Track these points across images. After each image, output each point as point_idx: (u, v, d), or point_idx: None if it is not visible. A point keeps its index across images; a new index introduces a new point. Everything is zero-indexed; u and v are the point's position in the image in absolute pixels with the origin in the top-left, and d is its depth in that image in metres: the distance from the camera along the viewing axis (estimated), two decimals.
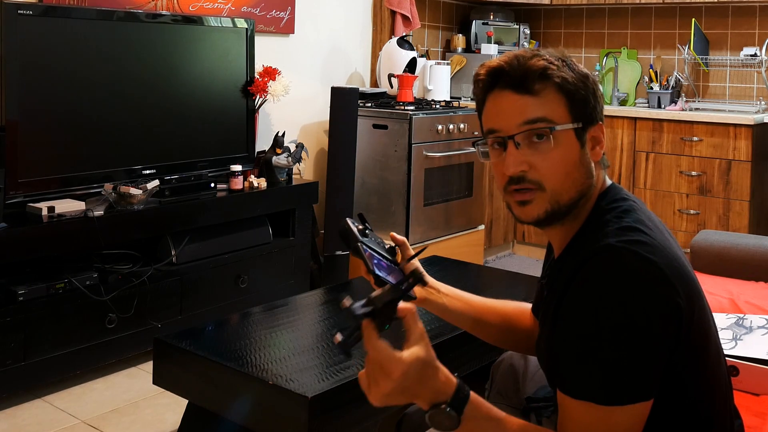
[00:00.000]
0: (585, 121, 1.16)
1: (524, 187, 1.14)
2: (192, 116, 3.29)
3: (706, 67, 4.66)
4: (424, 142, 3.89)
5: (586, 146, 1.17)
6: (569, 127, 1.14)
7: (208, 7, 3.52)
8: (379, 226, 3.94)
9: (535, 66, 1.14)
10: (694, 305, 1.11)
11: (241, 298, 3.27)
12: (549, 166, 1.13)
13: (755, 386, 1.83)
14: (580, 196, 1.16)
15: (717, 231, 2.91)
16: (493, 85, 1.17)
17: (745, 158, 4.01)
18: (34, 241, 2.60)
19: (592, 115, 1.17)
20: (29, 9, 2.70)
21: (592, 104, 1.17)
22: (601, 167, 1.21)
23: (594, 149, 1.19)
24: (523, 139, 1.14)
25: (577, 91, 1.15)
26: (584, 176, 1.16)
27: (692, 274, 1.15)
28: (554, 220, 1.17)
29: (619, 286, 1.03)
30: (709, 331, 1.18)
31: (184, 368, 2.09)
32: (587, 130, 1.17)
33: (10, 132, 2.66)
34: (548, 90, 1.14)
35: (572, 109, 1.15)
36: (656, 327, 1.03)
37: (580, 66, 1.19)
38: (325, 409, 1.82)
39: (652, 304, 1.03)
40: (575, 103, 1.15)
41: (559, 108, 1.14)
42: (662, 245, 1.09)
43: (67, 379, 2.76)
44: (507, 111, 1.15)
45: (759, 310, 2.25)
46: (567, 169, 1.14)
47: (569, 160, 1.14)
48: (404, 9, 4.45)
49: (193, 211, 3.10)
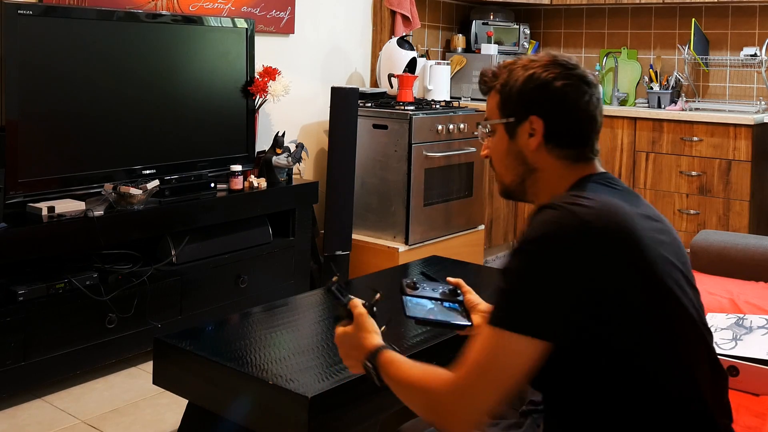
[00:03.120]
0: (516, 115, 1.32)
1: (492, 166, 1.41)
2: (192, 116, 3.29)
3: (706, 67, 4.67)
4: (424, 142, 3.89)
5: (517, 139, 1.33)
6: (497, 122, 1.35)
7: (208, 7, 3.52)
8: (379, 226, 3.94)
9: (485, 75, 1.39)
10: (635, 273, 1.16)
11: (241, 298, 3.27)
12: (491, 153, 1.38)
13: (755, 386, 1.83)
14: (519, 179, 1.35)
15: (717, 231, 2.91)
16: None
17: (745, 158, 4.01)
18: (34, 241, 2.60)
19: (523, 110, 1.31)
20: (29, 9, 2.70)
21: (523, 98, 1.31)
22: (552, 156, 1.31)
23: (528, 141, 1.32)
24: (481, 133, 1.40)
25: (508, 89, 1.33)
26: (516, 163, 1.34)
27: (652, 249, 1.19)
28: (511, 196, 1.39)
29: (541, 233, 1.16)
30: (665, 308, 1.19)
31: (184, 368, 2.09)
32: (519, 124, 1.32)
33: (10, 132, 2.66)
34: (491, 93, 1.37)
35: (502, 106, 1.34)
36: (562, 272, 1.12)
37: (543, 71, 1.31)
38: (325, 409, 1.82)
39: (565, 252, 1.13)
40: (505, 100, 1.34)
41: (493, 107, 1.36)
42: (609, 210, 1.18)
43: (67, 379, 2.76)
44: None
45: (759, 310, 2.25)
46: (498, 156, 1.37)
47: (498, 149, 1.36)
48: (404, 9, 4.45)
49: (193, 211, 3.10)
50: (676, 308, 1.21)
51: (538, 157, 1.32)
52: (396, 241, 3.87)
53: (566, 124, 1.31)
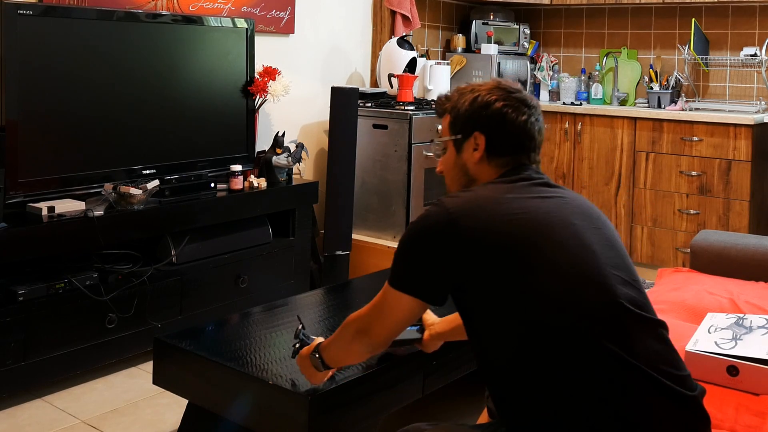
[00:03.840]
0: (462, 132, 1.54)
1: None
2: (192, 116, 3.29)
3: (706, 67, 4.67)
4: (424, 142, 3.89)
5: (462, 153, 1.55)
6: (446, 138, 1.58)
7: (208, 7, 3.52)
8: (379, 226, 3.94)
9: (440, 99, 1.62)
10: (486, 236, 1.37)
11: (241, 298, 3.27)
12: (442, 167, 1.60)
13: (755, 386, 1.83)
14: (462, 188, 1.54)
15: (717, 231, 2.91)
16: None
17: (745, 158, 4.01)
18: (34, 241, 2.60)
19: (469, 128, 1.53)
20: (29, 9, 2.70)
21: (470, 118, 1.53)
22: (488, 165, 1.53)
23: (473, 153, 1.53)
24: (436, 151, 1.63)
25: (457, 110, 1.55)
26: (459, 174, 1.56)
27: (521, 229, 1.38)
28: None
29: (417, 220, 1.44)
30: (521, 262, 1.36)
31: (184, 368, 2.09)
32: (465, 140, 1.54)
33: (10, 132, 2.66)
34: (444, 116, 1.60)
35: (452, 126, 1.56)
36: (429, 245, 1.39)
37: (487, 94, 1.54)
38: (325, 409, 1.82)
39: (428, 234, 1.40)
40: (455, 120, 1.56)
41: (445, 127, 1.59)
42: (475, 201, 1.41)
43: (67, 379, 2.76)
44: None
45: (759, 310, 2.25)
46: (448, 168, 1.58)
47: (448, 163, 1.58)
48: (404, 9, 4.45)
49: (193, 211, 3.10)
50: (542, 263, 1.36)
51: (479, 168, 1.53)
52: (396, 241, 3.87)
53: (505, 138, 1.52)
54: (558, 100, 4.98)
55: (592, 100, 4.88)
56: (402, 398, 2.08)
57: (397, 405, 2.07)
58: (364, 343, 1.54)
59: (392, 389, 2.02)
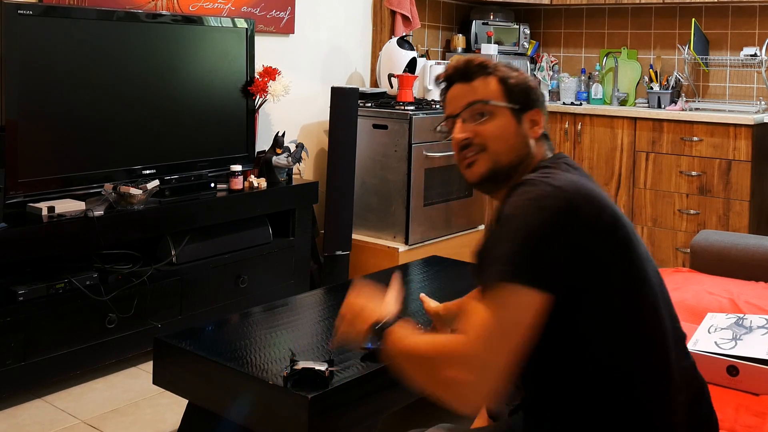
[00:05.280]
0: (522, 104, 1.43)
1: (470, 152, 1.41)
2: (192, 116, 3.29)
3: (706, 67, 4.67)
4: (424, 142, 3.89)
5: (522, 124, 1.43)
6: (504, 105, 1.42)
7: (208, 7, 3.52)
8: (379, 226, 3.94)
9: (474, 61, 1.46)
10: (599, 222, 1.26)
11: (241, 298, 3.27)
12: (489, 132, 1.41)
13: (755, 386, 1.83)
14: (518, 160, 1.41)
15: (717, 231, 2.91)
16: (449, 85, 1.49)
17: (745, 158, 4.01)
18: (34, 241, 2.60)
19: (527, 102, 1.44)
20: (29, 9, 2.70)
21: (526, 93, 1.44)
22: (543, 145, 1.46)
23: (533, 128, 1.44)
24: (468, 116, 1.43)
25: (512, 81, 1.44)
26: (521, 144, 1.42)
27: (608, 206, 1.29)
28: (496, 179, 1.41)
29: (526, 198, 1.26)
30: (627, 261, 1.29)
31: (184, 368, 2.09)
32: (524, 111, 1.44)
33: (10, 132, 2.66)
34: (486, 79, 1.44)
35: (507, 93, 1.43)
36: (548, 229, 1.21)
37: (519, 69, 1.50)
38: (325, 409, 1.82)
39: (547, 212, 1.23)
40: (510, 89, 1.44)
41: (495, 92, 1.44)
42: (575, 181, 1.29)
43: (67, 379, 2.76)
44: (456, 98, 1.46)
45: (759, 310, 2.25)
46: (505, 134, 1.41)
47: (506, 128, 1.42)
48: (404, 9, 4.45)
49: (193, 211, 3.10)
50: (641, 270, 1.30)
51: (537, 145, 1.45)
52: (396, 241, 3.87)
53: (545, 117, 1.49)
54: (558, 100, 4.98)
55: (592, 100, 4.88)
56: (402, 398, 2.08)
57: (397, 405, 2.07)
58: (475, 388, 1.14)
59: (392, 389, 2.02)
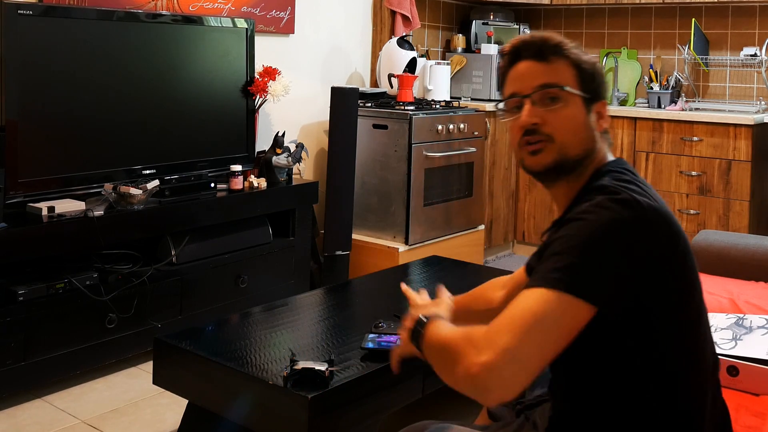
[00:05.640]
0: (591, 93, 1.35)
1: (537, 139, 1.32)
2: (192, 116, 3.29)
3: (706, 67, 4.66)
4: (424, 142, 3.89)
5: (591, 115, 1.35)
6: (578, 93, 1.33)
7: (208, 7, 3.52)
8: (379, 226, 3.94)
9: (552, 40, 1.35)
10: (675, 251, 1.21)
11: (241, 298, 3.27)
12: (560, 121, 1.31)
13: (755, 386, 1.83)
14: (585, 154, 1.33)
15: (717, 231, 2.91)
16: (517, 57, 1.37)
17: (745, 158, 4.01)
18: (34, 241, 2.60)
19: (597, 92, 1.36)
20: (29, 9, 2.70)
21: (598, 82, 1.36)
22: (605, 140, 1.37)
23: (599, 121, 1.36)
24: (538, 98, 1.32)
25: (586, 67, 1.35)
26: (589, 138, 1.34)
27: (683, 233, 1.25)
28: (561, 172, 1.33)
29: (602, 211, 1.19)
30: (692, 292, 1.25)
31: (184, 368, 2.09)
32: (594, 102, 1.35)
33: (10, 132, 2.66)
34: (561, 62, 1.34)
35: (581, 81, 1.34)
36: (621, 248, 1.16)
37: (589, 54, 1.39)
38: (325, 409, 1.82)
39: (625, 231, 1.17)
40: (584, 76, 1.34)
41: (569, 77, 1.34)
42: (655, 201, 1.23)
43: (67, 379, 2.76)
44: (525, 76, 1.35)
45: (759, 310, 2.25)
46: (575, 126, 1.32)
47: (577, 120, 1.33)
48: (404, 9, 4.45)
49: (193, 211, 3.10)
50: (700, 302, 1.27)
51: (601, 140, 1.37)
52: (396, 241, 3.87)
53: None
54: None
55: None
56: (402, 398, 2.08)
57: (397, 405, 2.07)
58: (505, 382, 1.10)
59: (392, 389, 2.02)
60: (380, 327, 2.09)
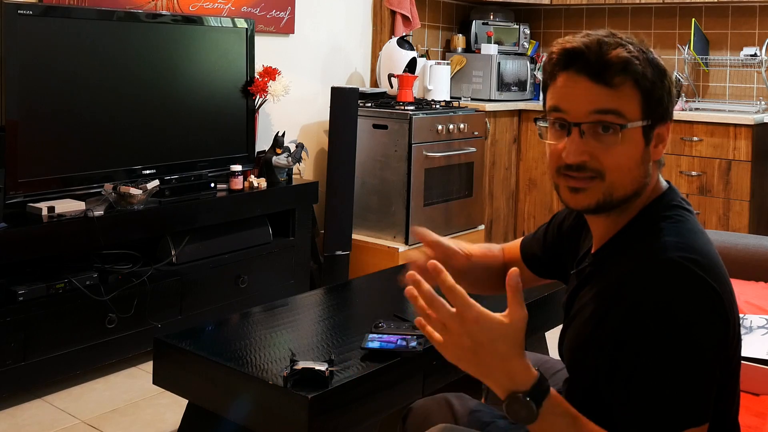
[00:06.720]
0: (654, 119, 1.14)
1: (582, 176, 1.13)
2: (192, 116, 3.29)
3: (706, 67, 4.66)
4: (424, 142, 3.89)
5: (650, 144, 1.15)
6: (639, 124, 1.12)
7: (208, 7, 3.52)
8: (379, 226, 3.94)
9: (617, 58, 1.10)
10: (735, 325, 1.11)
11: (241, 298, 3.27)
12: (612, 160, 1.11)
13: (755, 386, 1.83)
14: (634, 193, 1.14)
15: (717, 231, 2.91)
16: (568, 65, 1.13)
17: (745, 158, 4.01)
18: (34, 241, 2.60)
19: (662, 114, 1.15)
20: (29, 9, 2.70)
21: (665, 103, 1.15)
22: (657, 166, 1.19)
23: (657, 147, 1.16)
24: (589, 128, 1.11)
25: (653, 90, 1.12)
26: (642, 174, 1.14)
27: (730, 285, 1.13)
28: (602, 210, 1.15)
29: (683, 311, 1.02)
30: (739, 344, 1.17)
31: (184, 368, 2.09)
32: (655, 127, 1.15)
33: (10, 132, 2.66)
34: (626, 85, 1.11)
35: (645, 106, 1.12)
36: (712, 351, 1.03)
37: (659, 60, 1.16)
38: (325, 409, 1.82)
39: (710, 329, 1.03)
40: (650, 101, 1.12)
41: (632, 104, 1.11)
42: (714, 262, 1.10)
43: (67, 379, 2.76)
44: (578, 96, 1.11)
45: (759, 310, 2.25)
46: (629, 165, 1.12)
47: (633, 157, 1.12)
48: (404, 9, 4.45)
49: (193, 211, 3.10)
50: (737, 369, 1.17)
51: (654, 172, 1.18)
52: (396, 241, 3.87)
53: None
54: None
55: None
56: (402, 398, 2.07)
57: (397, 405, 2.07)
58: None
59: (392, 389, 2.02)
60: (380, 327, 2.09)
